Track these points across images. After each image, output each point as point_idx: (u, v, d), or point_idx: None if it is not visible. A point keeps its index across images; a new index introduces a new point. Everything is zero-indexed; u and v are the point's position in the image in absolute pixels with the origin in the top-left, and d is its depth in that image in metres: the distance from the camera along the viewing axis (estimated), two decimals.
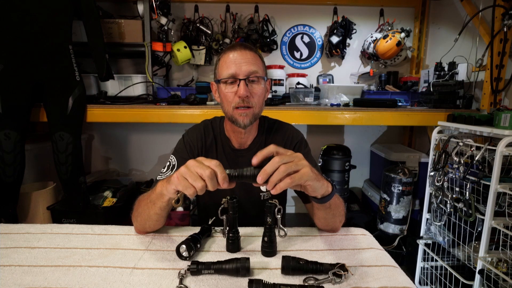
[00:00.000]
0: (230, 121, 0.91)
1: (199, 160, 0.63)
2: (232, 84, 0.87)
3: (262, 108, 0.93)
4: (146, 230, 0.82)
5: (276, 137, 0.99)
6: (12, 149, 1.51)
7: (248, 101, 0.86)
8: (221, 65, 0.88)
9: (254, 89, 0.87)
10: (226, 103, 0.89)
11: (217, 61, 0.91)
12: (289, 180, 0.59)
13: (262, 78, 0.89)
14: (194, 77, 2.42)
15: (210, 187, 0.61)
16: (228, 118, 0.91)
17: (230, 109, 0.88)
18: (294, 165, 0.60)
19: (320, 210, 0.77)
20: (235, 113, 0.87)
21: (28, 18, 1.49)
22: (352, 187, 2.57)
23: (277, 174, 0.59)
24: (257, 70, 0.86)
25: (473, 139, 1.28)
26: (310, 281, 0.62)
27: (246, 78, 0.85)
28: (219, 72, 0.89)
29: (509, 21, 1.52)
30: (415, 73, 2.44)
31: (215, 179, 0.61)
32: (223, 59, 0.88)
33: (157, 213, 0.76)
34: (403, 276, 0.65)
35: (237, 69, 0.85)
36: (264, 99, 0.93)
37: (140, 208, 0.80)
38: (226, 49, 0.90)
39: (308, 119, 1.78)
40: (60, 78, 1.58)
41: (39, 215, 1.78)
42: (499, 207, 1.19)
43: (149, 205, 0.76)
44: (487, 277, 1.19)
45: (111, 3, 2.27)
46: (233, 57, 0.86)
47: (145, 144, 2.54)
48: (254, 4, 2.33)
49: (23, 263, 0.68)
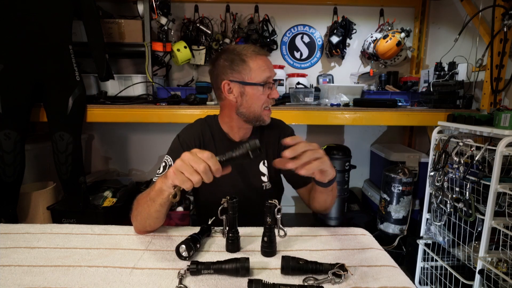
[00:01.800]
0: (251, 120, 0.95)
1: (193, 153, 0.64)
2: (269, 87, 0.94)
3: None
4: (146, 229, 0.82)
5: (272, 130, 1.06)
6: (12, 149, 1.51)
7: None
8: (254, 68, 0.91)
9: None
10: (256, 104, 0.93)
11: (242, 62, 0.91)
12: (318, 163, 0.68)
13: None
14: (194, 77, 2.42)
15: (206, 179, 0.63)
16: (253, 118, 0.95)
17: (259, 109, 0.94)
18: (317, 153, 0.69)
19: (323, 194, 0.86)
20: (264, 113, 0.95)
21: (28, 18, 1.49)
22: (352, 187, 2.57)
23: (306, 156, 0.67)
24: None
25: (473, 139, 1.28)
26: (309, 281, 0.62)
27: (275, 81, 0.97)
28: (254, 74, 0.92)
29: (509, 21, 1.52)
30: (415, 73, 2.44)
31: (209, 172, 0.63)
32: (256, 62, 0.92)
33: (157, 210, 0.76)
34: (403, 276, 0.65)
35: (272, 73, 0.94)
36: None
37: (139, 207, 0.80)
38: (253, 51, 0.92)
39: (308, 119, 1.78)
40: (60, 78, 1.58)
41: (39, 215, 1.78)
42: (499, 207, 1.19)
43: (148, 203, 0.76)
44: (487, 277, 1.18)
45: (111, 3, 2.27)
46: (266, 62, 0.93)
47: (145, 144, 2.54)
48: (254, 4, 2.33)
49: (22, 263, 0.68)
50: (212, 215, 0.82)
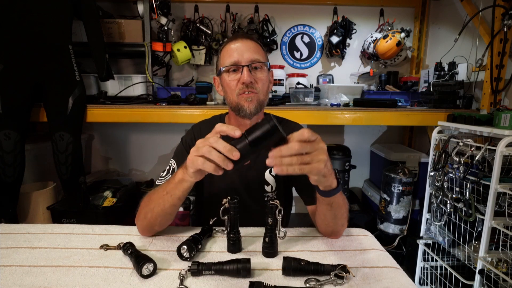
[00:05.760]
0: (235, 111, 0.89)
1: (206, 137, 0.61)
2: (235, 72, 0.86)
3: (267, 97, 0.92)
4: (155, 228, 0.80)
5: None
6: (12, 149, 1.50)
7: (252, 87, 0.86)
8: (223, 55, 0.88)
9: (257, 75, 0.87)
10: (229, 91, 0.88)
11: (219, 53, 0.91)
12: (297, 169, 0.57)
13: (265, 65, 0.88)
14: (194, 77, 2.41)
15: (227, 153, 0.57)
16: (233, 108, 0.90)
17: (234, 97, 0.87)
18: (308, 158, 0.58)
19: (322, 205, 0.74)
20: (241, 98, 0.86)
21: (28, 18, 1.49)
22: (352, 187, 2.57)
23: (289, 159, 0.56)
24: (259, 58, 0.87)
25: (473, 139, 1.28)
26: (311, 282, 0.62)
27: (249, 64, 0.85)
28: (221, 62, 0.89)
29: (509, 21, 1.52)
30: (415, 73, 2.44)
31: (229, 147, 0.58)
32: (225, 49, 0.88)
33: (173, 205, 0.74)
34: (405, 278, 0.65)
35: (240, 57, 0.85)
36: (268, 88, 0.92)
37: (151, 203, 0.77)
38: (228, 40, 0.90)
39: (308, 119, 1.77)
40: (60, 78, 1.58)
41: (39, 215, 1.78)
42: (499, 207, 1.19)
43: (165, 197, 0.73)
44: (487, 277, 1.19)
45: (111, 3, 2.26)
46: (235, 46, 0.86)
47: (145, 144, 2.54)
48: (254, 4, 2.33)
49: (23, 263, 0.68)
50: (212, 216, 0.81)
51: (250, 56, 0.85)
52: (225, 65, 0.87)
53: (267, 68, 0.89)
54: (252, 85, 0.85)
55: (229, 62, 0.86)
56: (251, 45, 0.87)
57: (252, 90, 0.86)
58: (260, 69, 0.88)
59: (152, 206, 0.77)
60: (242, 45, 0.86)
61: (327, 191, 0.68)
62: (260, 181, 0.94)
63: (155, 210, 0.76)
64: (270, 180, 0.95)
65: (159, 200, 0.75)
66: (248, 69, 0.84)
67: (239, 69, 0.85)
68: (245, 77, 0.84)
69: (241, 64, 0.85)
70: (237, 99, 0.87)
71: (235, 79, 0.86)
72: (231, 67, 0.86)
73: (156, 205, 0.76)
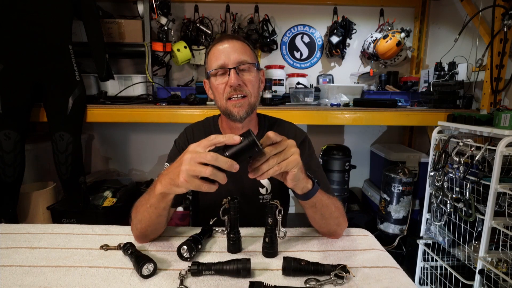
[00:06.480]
0: (225, 115, 0.88)
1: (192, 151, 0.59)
2: (222, 75, 0.84)
3: (258, 98, 0.90)
4: (150, 237, 0.79)
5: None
6: (12, 149, 1.50)
7: (241, 90, 0.84)
8: (210, 58, 0.87)
9: (246, 77, 0.85)
10: (218, 96, 0.86)
11: (206, 55, 0.89)
12: (277, 168, 0.60)
13: (253, 65, 0.86)
14: (194, 77, 2.41)
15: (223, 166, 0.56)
16: (223, 112, 0.88)
17: (223, 101, 0.85)
18: (283, 155, 0.61)
19: (307, 208, 0.76)
20: (229, 104, 0.85)
21: (28, 18, 1.49)
22: (352, 187, 2.57)
23: (266, 165, 0.60)
24: (246, 59, 0.84)
25: (473, 139, 1.28)
26: (311, 282, 0.62)
27: (236, 67, 0.83)
28: (209, 65, 0.87)
29: (509, 21, 1.52)
30: (415, 73, 2.44)
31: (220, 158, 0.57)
32: (212, 51, 0.86)
33: (160, 215, 0.73)
34: (405, 278, 0.65)
35: (226, 59, 0.83)
36: (259, 89, 0.90)
37: (138, 215, 0.75)
38: (214, 41, 0.88)
39: (308, 119, 1.78)
40: (60, 78, 1.58)
41: (39, 215, 1.78)
42: (499, 207, 1.19)
43: (149, 209, 0.72)
44: (487, 277, 1.19)
45: (111, 3, 2.26)
46: (221, 47, 0.84)
47: (145, 144, 2.54)
48: (254, 4, 2.33)
49: (23, 263, 0.68)
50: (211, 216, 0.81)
51: (237, 58, 0.83)
52: (212, 68, 0.85)
53: (256, 68, 0.87)
54: (240, 88, 0.83)
55: (216, 65, 0.84)
56: (237, 46, 0.85)
57: (241, 93, 0.84)
58: (248, 70, 0.85)
59: (140, 218, 0.75)
60: (229, 46, 0.84)
61: (305, 193, 0.69)
62: (255, 184, 0.93)
63: (143, 222, 0.74)
64: (265, 183, 0.94)
65: (144, 213, 0.73)
66: (235, 72, 0.82)
67: (227, 72, 0.83)
68: (233, 80, 0.82)
69: (227, 67, 0.83)
70: (225, 104, 0.85)
71: (223, 83, 0.84)
72: (218, 70, 0.84)
73: (143, 217, 0.74)
